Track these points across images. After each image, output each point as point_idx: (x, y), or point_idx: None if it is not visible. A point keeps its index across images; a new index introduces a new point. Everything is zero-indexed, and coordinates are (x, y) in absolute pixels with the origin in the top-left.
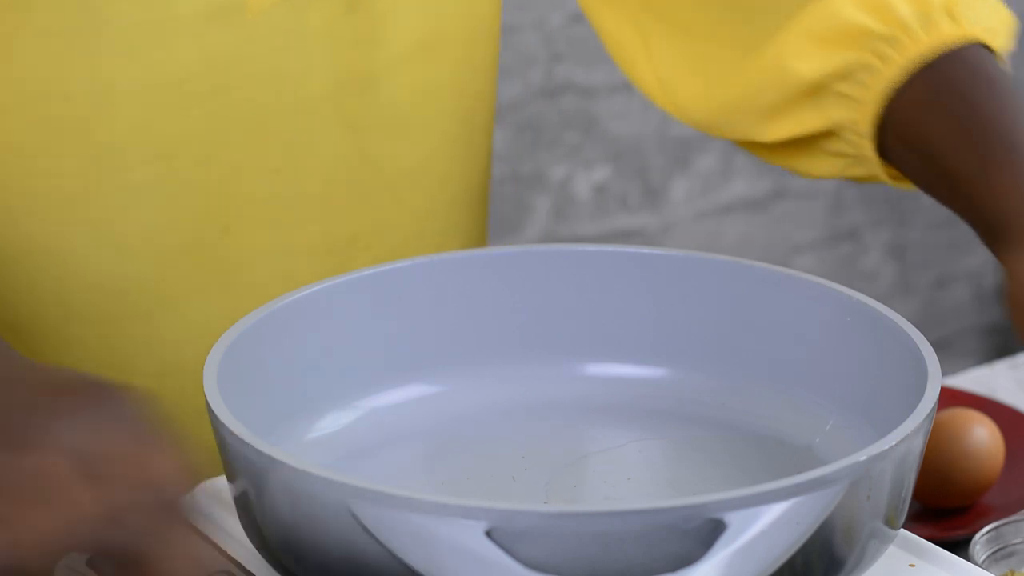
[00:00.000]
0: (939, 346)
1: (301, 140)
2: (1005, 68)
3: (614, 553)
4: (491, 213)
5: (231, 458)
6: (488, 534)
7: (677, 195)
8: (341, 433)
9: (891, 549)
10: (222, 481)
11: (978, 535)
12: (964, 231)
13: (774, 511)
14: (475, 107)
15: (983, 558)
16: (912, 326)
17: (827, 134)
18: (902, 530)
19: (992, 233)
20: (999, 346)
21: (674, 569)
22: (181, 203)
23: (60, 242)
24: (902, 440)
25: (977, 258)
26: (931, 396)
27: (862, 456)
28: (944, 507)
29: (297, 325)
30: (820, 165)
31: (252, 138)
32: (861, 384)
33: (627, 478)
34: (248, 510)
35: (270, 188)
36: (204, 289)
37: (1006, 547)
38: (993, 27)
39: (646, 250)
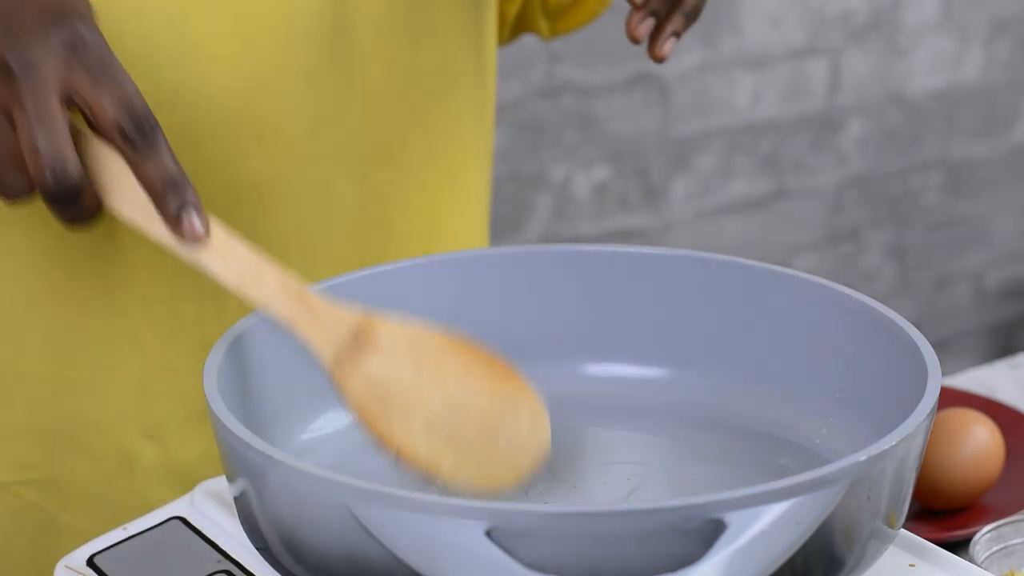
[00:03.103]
0: (939, 346)
1: (337, 44)
2: None
3: (614, 553)
4: (491, 213)
5: (231, 458)
6: (488, 534)
7: (677, 195)
8: (341, 433)
9: (891, 549)
10: (222, 481)
11: (978, 535)
12: (964, 231)
13: (774, 511)
14: (485, 24)
15: (983, 558)
16: (912, 326)
17: None
18: (902, 530)
19: None
20: (999, 346)
21: (674, 569)
22: (214, 109)
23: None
24: (902, 440)
25: (977, 258)
26: (931, 396)
27: (862, 456)
28: (944, 507)
29: None
30: None
31: (284, 39)
32: (861, 384)
33: (627, 478)
34: (248, 510)
35: (303, 94)
36: (238, 204)
37: (1006, 547)
38: None
39: (646, 250)
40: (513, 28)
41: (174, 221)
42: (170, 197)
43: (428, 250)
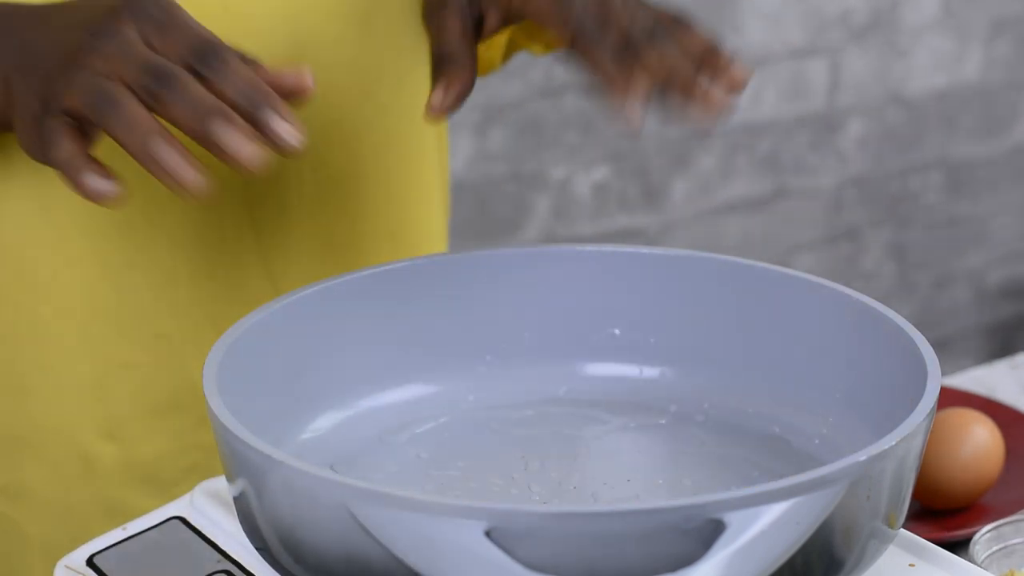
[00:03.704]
0: (939, 346)
1: (286, 26)
2: None
3: (614, 553)
4: (491, 213)
5: (231, 458)
6: (487, 534)
7: (677, 195)
8: (341, 433)
9: (891, 549)
10: (222, 481)
11: (978, 535)
12: (964, 231)
13: (774, 511)
14: None
15: (983, 558)
16: (912, 326)
17: None
18: (902, 530)
19: None
20: (999, 346)
21: (674, 569)
22: None
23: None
24: (902, 440)
25: (977, 258)
26: (931, 396)
27: (862, 456)
28: (944, 507)
29: (297, 325)
30: None
31: (231, 23)
32: (861, 384)
33: (626, 479)
34: (248, 510)
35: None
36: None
37: (1006, 547)
38: None
39: (646, 250)
40: (505, 52)
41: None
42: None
43: (393, 238)
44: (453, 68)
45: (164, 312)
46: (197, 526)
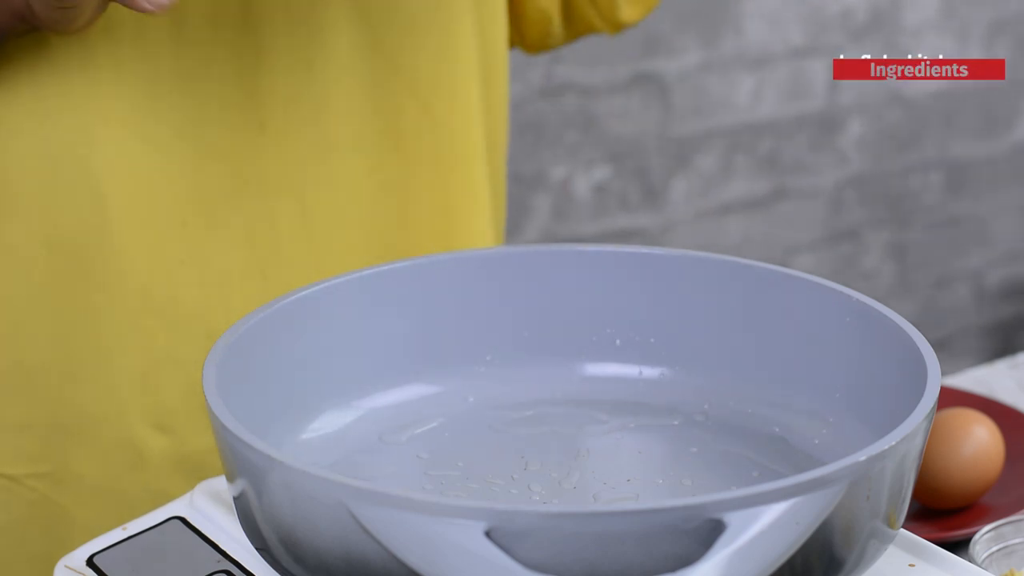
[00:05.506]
0: (939, 346)
1: (323, 33)
2: None
3: (613, 553)
4: None
5: (231, 458)
6: (487, 534)
7: (677, 195)
8: (340, 433)
9: (891, 549)
10: (222, 481)
11: (978, 535)
12: (964, 231)
13: (774, 511)
14: (490, 26)
15: (983, 558)
16: (912, 326)
17: None
18: (902, 530)
19: None
20: (999, 346)
21: (674, 569)
22: (214, 97)
23: (91, 140)
24: (902, 440)
25: (977, 258)
26: (931, 396)
27: (862, 456)
28: (944, 507)
29: (297, 325)
30: None
31: (285, 26)
32: (861, 384)
33: (626, 479)
34: (248, 510)
35: (304, 82)
36: (241, 192)
37: (1006, 547)
38: None
39: (646, 250)
40: (568, 27)
41: None
42: None
43: (442, 242)
44: None
45: (215, 311)
46: (197, 526)
